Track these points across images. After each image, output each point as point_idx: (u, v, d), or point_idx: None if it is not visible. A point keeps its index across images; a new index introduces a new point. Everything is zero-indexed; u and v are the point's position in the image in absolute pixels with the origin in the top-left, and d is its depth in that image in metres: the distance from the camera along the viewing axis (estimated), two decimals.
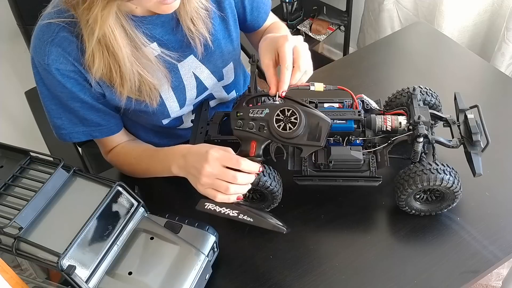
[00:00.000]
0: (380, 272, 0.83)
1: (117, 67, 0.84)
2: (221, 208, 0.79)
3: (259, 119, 0.78)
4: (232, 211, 0.79)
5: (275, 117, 0.77)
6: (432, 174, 0.81)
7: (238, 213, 0.79)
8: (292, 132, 0.76)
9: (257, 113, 0.78)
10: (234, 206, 0.80)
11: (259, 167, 0.78)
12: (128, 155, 1.00)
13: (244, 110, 0.79)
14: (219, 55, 0.99)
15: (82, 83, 0.87)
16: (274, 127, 0.77)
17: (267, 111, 0.78)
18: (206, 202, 0.79)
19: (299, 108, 0.77)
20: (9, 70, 1.64)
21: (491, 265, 0.83)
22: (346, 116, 0.88)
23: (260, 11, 1.07)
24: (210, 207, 0.79)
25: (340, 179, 0.88)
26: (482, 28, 1.77)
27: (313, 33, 2.14)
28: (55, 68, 0.84)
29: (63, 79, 0.86)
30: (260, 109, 0.78)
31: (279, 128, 0.77)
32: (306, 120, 0.77)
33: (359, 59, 1.28)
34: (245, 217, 0.79)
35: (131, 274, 0.76)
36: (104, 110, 0.94)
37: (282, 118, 0.77)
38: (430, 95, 0.94)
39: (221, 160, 0.78)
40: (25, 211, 0.73)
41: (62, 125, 0.93)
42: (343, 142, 0.87)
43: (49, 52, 0.83)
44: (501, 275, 1.64)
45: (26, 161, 0.81)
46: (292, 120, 0.77)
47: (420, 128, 0.82)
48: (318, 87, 0.90)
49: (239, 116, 0.80)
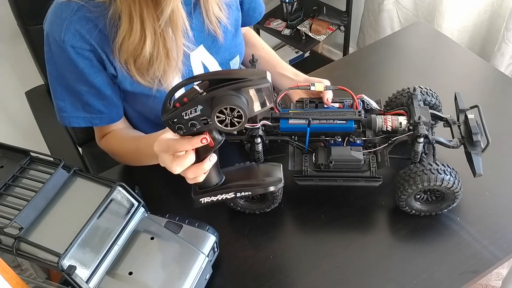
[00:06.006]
0: (380, 272, 0.83)
1: (162, 47, 0.84)
2: (216, 196, 0.78)
3: (198, 116, 0.69)
4: (227, 194, 0.78)
5: (217, 120, 0.68)
6: (433, 174, 0.81)
7: (235, 192, 0.78)
8: (240, 125, 0.69)
9: (191, 113, 0.69)
10: (225, 188, 0.78)
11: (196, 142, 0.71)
12: (120, 140, 1.00)
13: (176, 116, 0.70)
14: (227, 47, 0.99)
15: (96, 65, 0.87)
16: (220, 127, 0.69)
17: (201, 107, 0.69)
18: (200, 198, 0.79)
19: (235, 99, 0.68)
20: (9, 70, 1.63)
21: (491, 265, 0.83)
22: (346, 116, 0.88)
23: (255, 11, 1.08)
24: (206, 200, 0.79)
25: (341, 179, 0.88)
26: (482, 28, 1.77)
27: (313, 33, 2.14)
28: (70, 45, 0.84)
29: (77, 58, 0.85)
30: (192, 109, 0.69)
31: (227, 127, 0.69)
32: (243, 96, 0.68)
33: (359, 59, 1.28)
34: (242, 193, 0.79)
35: (132, 274, 0.76)
36: (109, 97, 0.93)
37: (224, 118, 0.68)
38: (431, 95, 0.94)
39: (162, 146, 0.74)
40: (25, 211, 0.73)
41: (64, 107, 0.93)
42: (343, 142, 0.87)
43: (67, 29, 0.83)
44: (501, 275, 1.65)
45: (26, 161, 0.81)
46: (236, 115, 0.68)
47: (421, 128, 0.82)
48: (319, 87, 0.91)
49: (175, 122, 0.70)
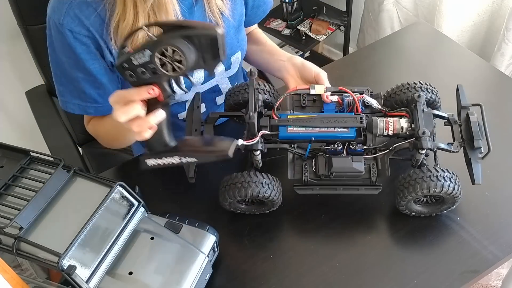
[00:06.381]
0: (380, 272, 0.83)
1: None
2: (162, 159, 0.77)
3: (147, 63, 0.68)
4: (174, 158, 0.77)
5: (158, 62, 0.67)
6: (432, 181, 0.80)
7: (180, 158, 0.77)
8: (182, 70, 0.67)
9: (139, 58, 0.68)
10: (171, 151, 0.77)
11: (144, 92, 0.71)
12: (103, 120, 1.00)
13: (127, 60, 0.69)
14: (228, 41, 0.99)
15: (93, 51, 0.87)
16: (162, 72, 0.68)
17: (149, 53, 0.68)
18: (146, 159, 0.77)
19: (177, 41, 0.66)
20: (9, 70, 1.63)
21: (491, 265, 0.83)
22: (348, 124, 0.86)
23: (259, 9, 1.07)
24: (152, 163, 0.78)
25: (341, 187, 0.87)
26: (482, 28, 1.77)
27: (313, 33, 2.14)
28: (69, 29, 0.85)
29: (74, 43, 0.86)
30: (141, 53, 0.68)
31: (168, 71, 0.68)
32: (192, 45, 0.67)
33: (359, 59, 1.28)
34: (187, 159, 0.76)
35: (132, 274, 0.76)
36: (105, 86, 0.93)
37: (166, 60, 0.67)
38: (431, 91, 0.93)
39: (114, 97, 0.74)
40: (25, 211, 0.73)
41: (63, 91, 0.94)
42: (343, 148, 0.86)
43: (66, 12, 0.84)
44: (501, 275, 1.65)
45: (26, 161, 0.81)
46: (177, 58, 0.67)
47: (424, 141, 0.81)
48: (319, 89, 0.90)
49: (126, 68, 0.70)
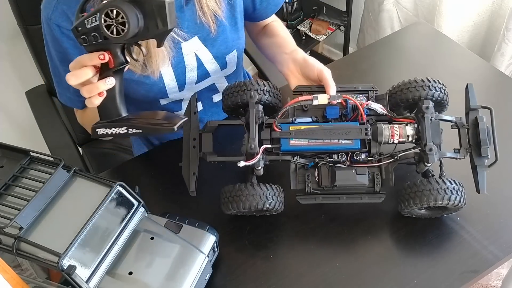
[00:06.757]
0: (380, 272, 0.83)
1: None
2: (111, 129, 0.78)
3: (98, 27, 0.70)
4: (120, 129, 0.78)
5: (104, 24, 0.69)
6: (440, 194, 0.79)
7: (127, 128, 0.78)
8: (125, 34, 0.68)
9: (92, 21, 0.70)
10: (120, 121, 0.78)
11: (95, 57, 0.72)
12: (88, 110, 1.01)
13: (81, 24, 0.71)
14: (223, 41, 0.99)
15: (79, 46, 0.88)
16: (108, 34, 0.69)
17: (99, 16, 0.69)
18: (96, 128, 0.78)
19: (121, 3, 0.67)
20: (9, 70, 1.63)
21: (491, 265, 0.83)
22: (351, 136, 0.84)
23: (269, 2, 1.06)
24: (102, 132, 0.78)
25: (344, 196, 0.86)
26: (482, 28, 1.77)
27: (313, 33, 2.14)
28: (56, 24, 0.86)
29: (61, 37, 0.88)
30: (93, 16, 0.70)
31: (113, 34, 0.69)
32: (140, 11, 0.68)
33: (359, 59, 1.28)
34: (133, 130, 0.78)
35: (132, 274, 0.76)
36: None
37: (112, 22, 0.68)
38: (439, 89, 0.88)
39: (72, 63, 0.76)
40: (25, 211, 0.73)
41: (57, 82, 0.97)
42: (347, 158, 0.85)
43: (55, 8, 0.86)
44: (501, 275, 1.65)
45: (26, 161, 0.81)
46: (120, 20, 0.68)
47: (431, 157, 0.80)
48: (322, 99, 0.87)
49: (80, 31, 0.72)
